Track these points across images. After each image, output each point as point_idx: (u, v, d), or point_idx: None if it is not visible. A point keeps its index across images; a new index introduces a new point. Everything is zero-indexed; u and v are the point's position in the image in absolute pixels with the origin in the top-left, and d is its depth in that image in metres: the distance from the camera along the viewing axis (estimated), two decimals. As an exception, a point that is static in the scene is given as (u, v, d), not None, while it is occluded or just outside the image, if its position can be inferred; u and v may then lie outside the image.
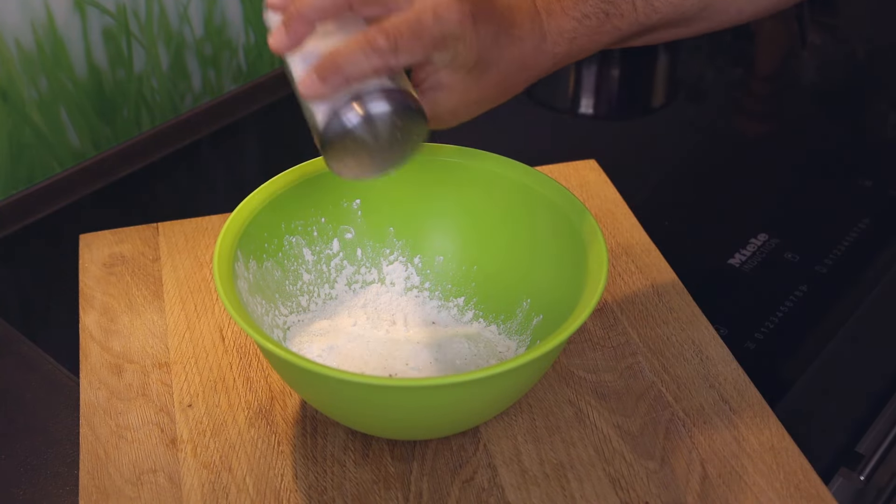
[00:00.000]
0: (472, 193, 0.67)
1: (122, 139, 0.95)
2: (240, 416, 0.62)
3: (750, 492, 0.57)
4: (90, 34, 0.89)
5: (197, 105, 1.01)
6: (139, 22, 0.92)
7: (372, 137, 0.54)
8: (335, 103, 0.53)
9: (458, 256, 0.69)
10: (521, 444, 0.61)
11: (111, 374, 0.66)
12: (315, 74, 0.52)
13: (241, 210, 0.62)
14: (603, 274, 0.57)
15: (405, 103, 0.54)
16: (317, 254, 0.67)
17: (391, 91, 0.53)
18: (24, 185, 0.89)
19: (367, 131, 0.53)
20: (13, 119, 0.86)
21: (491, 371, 0.52)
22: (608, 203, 0.80)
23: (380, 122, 0.53)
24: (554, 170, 0.82)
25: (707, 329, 0.68)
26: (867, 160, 0.97)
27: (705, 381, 0.64)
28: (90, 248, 0.76)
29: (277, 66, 1.07)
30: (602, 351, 0.67)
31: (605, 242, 0.59)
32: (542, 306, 0.64)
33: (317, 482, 0.58)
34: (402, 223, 0.69)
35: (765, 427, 0.61)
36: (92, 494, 0.58)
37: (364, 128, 0.53)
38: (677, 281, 0.72)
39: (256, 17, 1.02)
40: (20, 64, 0.85)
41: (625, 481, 0.58)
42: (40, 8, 0.84)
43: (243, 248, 0.60)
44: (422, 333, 0.66)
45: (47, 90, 0.88)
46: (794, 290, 0.78)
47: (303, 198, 0.65)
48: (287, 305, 0.65)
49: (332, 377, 0.52)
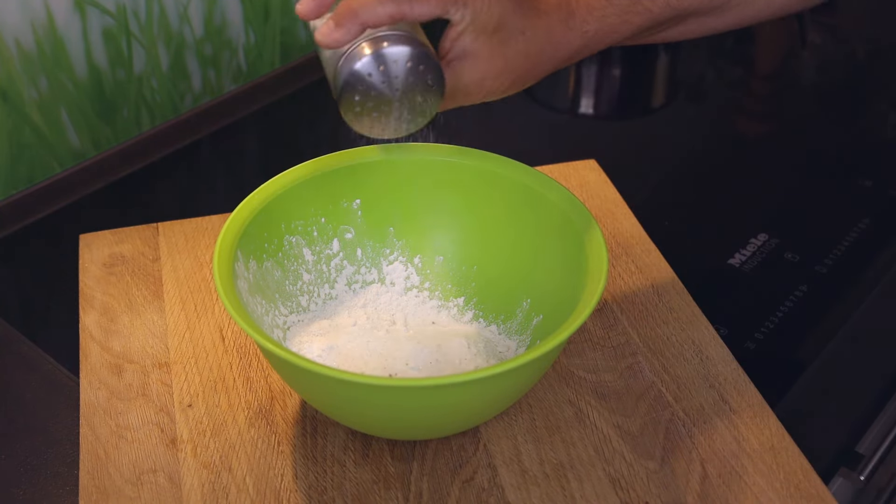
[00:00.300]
0: (472, 193, 0.67)
1: (122, 139, 0.95)
2: (240, 416, 0.62)
3: (750, 492, 0.57)
4: (90, 34, 0.89)
5: (197, 105, 1.01)
6: (139, 22, 0.92)
7: (385, 83, 0.53)
8: (350, 48, 0.53)
9: (458, 256, 0.69)
10: (521, 444, 0.61)
11: (111, 374, 0.66)
12: (332, 21, 0.53)
13: (240, 210, 0.62)
14: (603, 274, 0.57)
15: (418, 48, 0.54)
16: (317, 254, 0.67)
17: (404, 35, 0.53)
18: (24, 185, 0.89)
19: (379, 73, 0.53)
20: (13, 119, 0.86)
21: (491, 371, 0.52)
22: (608, 203, 0.80)
23: (392, 63, 0.53)
24: (554, 170, 0.82)
25: (707, 329, 0.68)
26: (867, 160, 0.97)
27: (705, 381, 0.64)
28: (90, 248, 0.76)
29: (277, 66, 1.07)
30: (602, 351, 0.67)
31: (605, 243, 0.59)
32: (542, 306, 0.64)
33: (317, 482, 0.58)
34: (402, 223, 0.69)
35: (765, 427, 0.61)
36: (92, 494, 0.58)
37: (376, 68, 0.53)
38: (677, 281, 0.72)
39: (256, 17, 1.02)
40: (20, 64, 0.85)
41: (625, 481, 0.58)
42: (40, 8, 0.84)
43: (243, 248, 0.60)
44: (422, 333, 0.66)
45: (47, 90, 0.88)
46: (794, 290, 0.78)
47: (303, 198, 0.65)
48: (287, 305, 0.65)
49: (332, 377, 0.52)
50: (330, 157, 0.66)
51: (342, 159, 0.66)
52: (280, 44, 1.06)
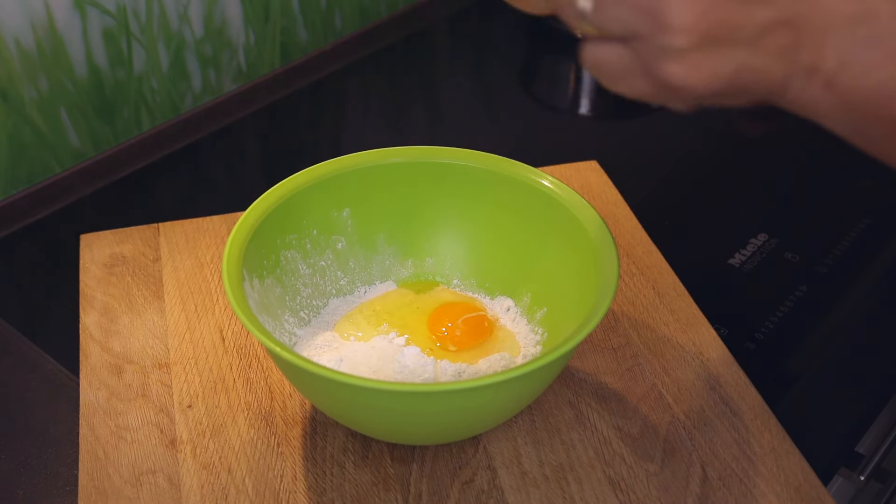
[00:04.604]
0: (465, 194, 0.67)
1: (122, 139, 0.95)
2: (239, 418, 0.62)
3: (750, 494, 0.57)
4: (90, 34, 0.89)
5: (197, 105, 1.01)
6: (139, 22, 0.92)
7: None
8: None
9: (455, 256, 0.69)
10: (520, 445, 0.61)
11: (111, 374, 0.66)
12: None
13: (238, 230, 0.61)
14: (613, 283, 0.57)
15: None
16: (311, 266, 0.67)
17: None
18: (24, 185, 0.89)
19: None
20: (13, 119, 0.86)
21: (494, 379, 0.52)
22: (609, 205, 0.80)
23: None
24: (555, 170, 0.82)
25: (708, 331, 0.68)
26: (867, 160, 0.96)
27: (706, 384, 0.64)
28: (90, 249, 0.76)
29: (277, 66, 1.07)
30: (602, 353, 0.67)
31: (615, 248, 0.59)
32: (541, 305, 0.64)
33: (316, 483, 0.58)
34: (393, 228, 0.69)
35: (765, 430, 0.61)
36: (91, 495, 0.58)
37: None
38: (678, 283, 0.72)
39: (256, 17, 1.02)
40: (20, 64, 0.85)
41: (625, 484, 0.58)
42: (40, 8, 0.84)
43: (247, 267, 0.60)
44: (426, 340, 0.65)
45: (47, 90, 0.88)
46: (794, 290, 0.78)
47: (294, 211, 0.65)
48: (289, 321, 0.65)
49: (374, 389, 0.52)
50: (319, 167, 0.66)
51: (330, 168, 0.66)
52: (280, 44, 1.06)
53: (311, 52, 1.09)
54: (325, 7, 1.09)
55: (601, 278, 0.58)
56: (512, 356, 0.63)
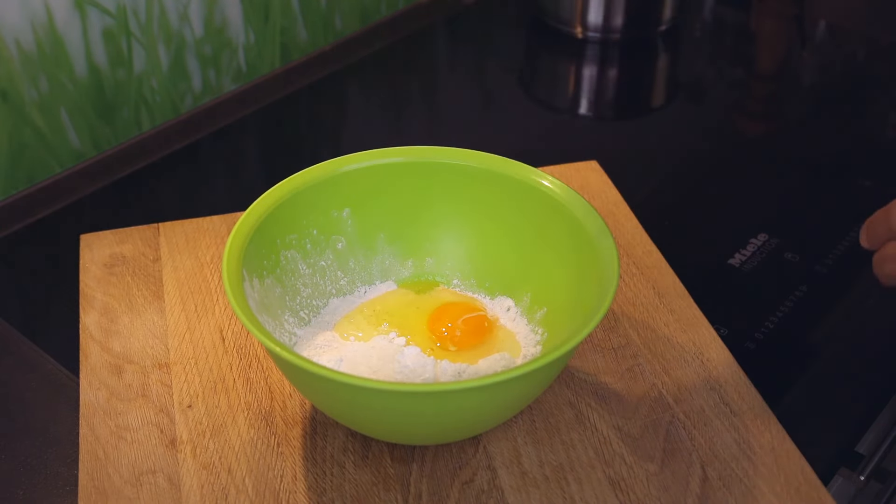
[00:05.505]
0: (466, 194, 0.67)
1: (122, 139, 0.95)
2: (239, 418, 0.62)
3: (750, 495, 0.57)
4: (90, 34, 0.89)
5: (197, 105, 1.01)
6: (139, 22, 0.92)
7: None
8: None
9: (455, 256, 0.69)
10: (520, 445, 0.61)
11: (111, 374, 0.66)
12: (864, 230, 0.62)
13: (238, 230, 0.60)
14: (613, 283, 0.57)
15: None
16: (311, 266, 0.67)
17: None
18: (24, 185, 0.89)
19: None
20: (13, 119, 0.86)
21: (494, 379, 0.52)
22: (609, 205, 0.80)
23: None
24: (555, 170, 0.82)
25: (708, 331, 0.68)
26: (867, 160, 0.97)
27: (706, 384, 0.64)
28: (90, 248, 0.76)
29: (277, 66, 1.07)
30: (602, 352, 0.67)
31: (616, 248, 0.59)
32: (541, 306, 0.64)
33: (316, 483, 0.58)
34: (393, 228, 0.69)
35: (765, 430, 0.61)
36: (91, 495, 0.58)
37: None
38: (678, 283, 0.72)
39: (256, 17, 1.02)
40: (20, 64, 0.85)
41: (625, 483, 0.58)
42: (40, 8, 0.84)
43: (247, 268, 0.60)
44: (426, 340, 0.65)
45: (47, 90, 0.88)
46: (794, 290, 0.78)
47: (294, 211, 0.65)
48: (289, 321, 0.65)
49: (374, 389, 0.51)
50: (319, 167, 0.66)
51: (330, 168, 0.66)
52: (280, 44, 1.06)
53: (311, 52, 1.09)
54: (325, 7, 1.09)
55: (601, 278, 0.58)
56: (512, 356, 0.64)
